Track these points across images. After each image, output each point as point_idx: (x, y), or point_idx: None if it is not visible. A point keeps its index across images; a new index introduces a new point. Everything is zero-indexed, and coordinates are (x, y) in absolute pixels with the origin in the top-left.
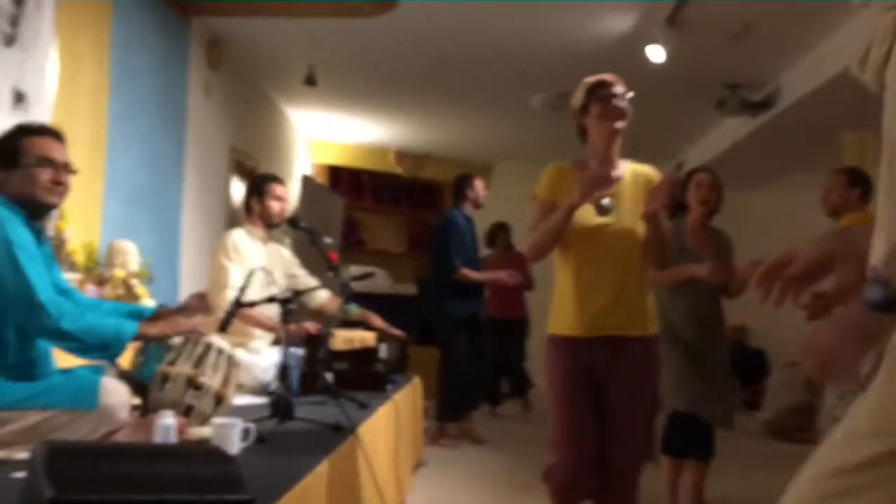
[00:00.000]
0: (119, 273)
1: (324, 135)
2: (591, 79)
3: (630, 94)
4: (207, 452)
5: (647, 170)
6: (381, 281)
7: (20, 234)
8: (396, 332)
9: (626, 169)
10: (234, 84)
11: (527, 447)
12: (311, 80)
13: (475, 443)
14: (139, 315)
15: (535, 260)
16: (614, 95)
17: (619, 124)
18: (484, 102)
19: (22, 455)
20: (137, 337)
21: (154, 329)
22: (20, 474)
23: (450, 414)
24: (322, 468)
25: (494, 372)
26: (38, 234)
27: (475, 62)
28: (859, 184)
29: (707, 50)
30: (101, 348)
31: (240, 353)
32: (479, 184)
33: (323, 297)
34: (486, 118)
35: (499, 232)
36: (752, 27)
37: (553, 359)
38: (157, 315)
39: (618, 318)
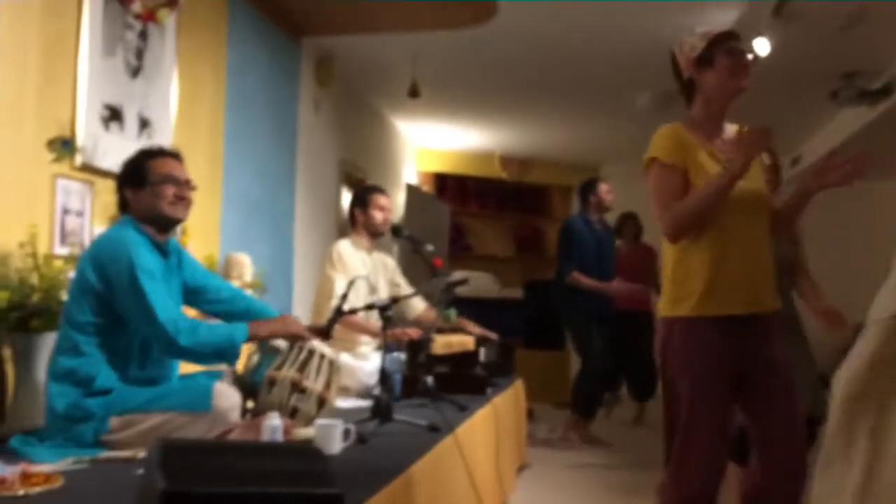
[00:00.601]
0: (236, 283)
1: (430, 143)
2: (711, 29)
3: (751, 56)
4: (303, 450)
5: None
6: (488, 285)
7: (144, 257)
8: (491, 335)
9: (730, 130)
10: (342, 98)
11: (641, 451)
12: (414, 93)
13: (594, 444)
14: (265, 314)
15: (680, 238)
16: (744, 51)
17: (747, 83)
18: (588, 104)
19: (141, 455)
20: (249, 338)
21: (264, 330)
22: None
23: (582, 413)
24: (417, 467)
25: (615, 370)
26: (165, 252)
27: (577, 64)
28: None
29: (816, 39)
30: (217, 356)
31: (345, 358)
32: (603, 188)
33: (419, 307)
34: (590, 120)
35: (625, 222)
36: (865, 12)
37: (698, 345)
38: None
39: (772, 290)
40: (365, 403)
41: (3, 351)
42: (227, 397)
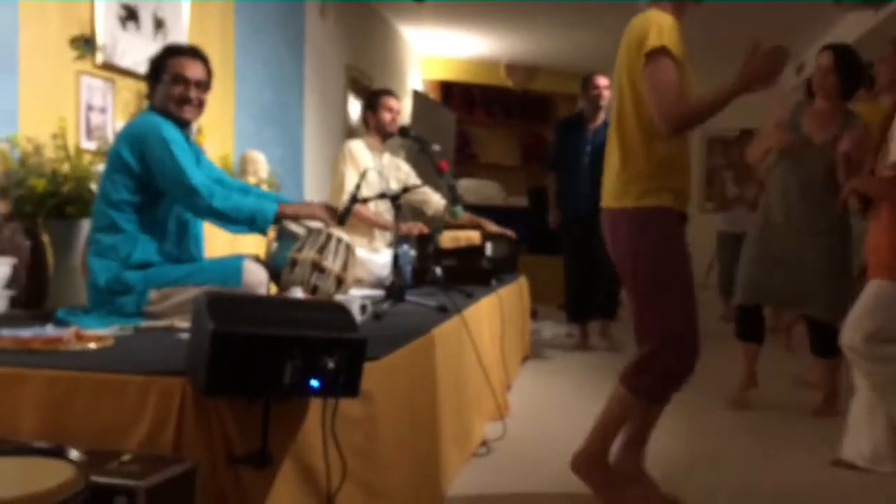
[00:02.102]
0: (251, 180)
1: (435, 51)
2: None
3: None
4: (332, 306)
5: None
6: (493, 193)
7: (173, 133)
8: (508, 232)
9: None
10: (349, 4)
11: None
12: None
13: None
14: (280, 201)
15: (678, 134)
16: None
17: None
18: (591, 9)
19: (182, 324)
20: (276, 215)
21: (290, 209)
22: (184, 335)
23: (569, 316)
24: (430, 336)
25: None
26: (186, 137)
27: None
28: None
29: None
30: (248, 223)
31: (360, 252)
32: (600, 81)
33: (438, 205)
34: (593, 26)
35: None
36: None
37: (669, 231)
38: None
39: None
40: (378, 293)
41: (42, 237)
42: (256, 273)
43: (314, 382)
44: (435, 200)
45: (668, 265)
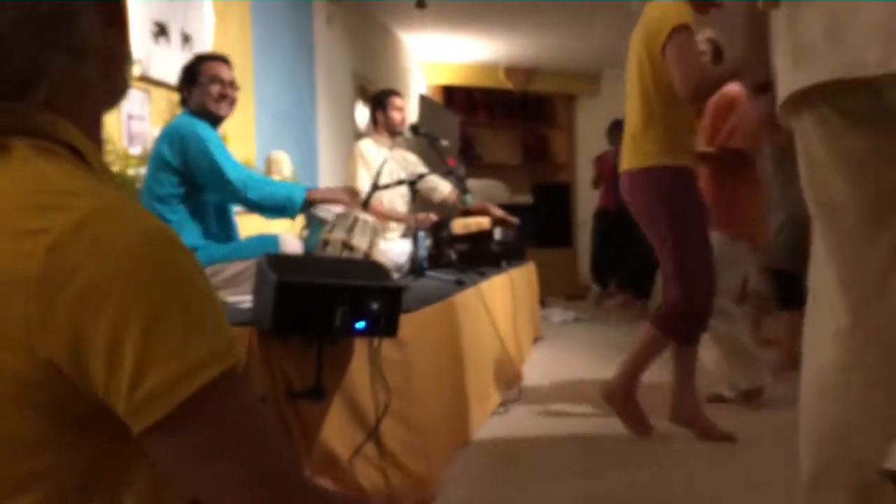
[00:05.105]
0: (276, 178)
1: (436, 57)
2: None
3: None
4: (371, 263)
5: None
6: (498, 192)
7: (208, 132)
8: (512, 219)
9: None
10: (353, 13)
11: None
12: (421, 3)
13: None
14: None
15: (703, 98)
16: None
17: None
18: (585, 11)
19: (229, 298)
20: (305, 201)
21: (318, 194)
22: (235, 305)
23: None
24: (451, 301)
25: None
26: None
27: None
28: None
29: None
30: (280, 210)
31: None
32: None
33: (445, 191)
34: (589, 27)
35: (615, 129)
36: None
37: (686, 187)
38: None
39: None
40: (396, 276)
41: None
42: (292, 245)
43: (360, 324)
44: (442, 186)
45: (686, 219)
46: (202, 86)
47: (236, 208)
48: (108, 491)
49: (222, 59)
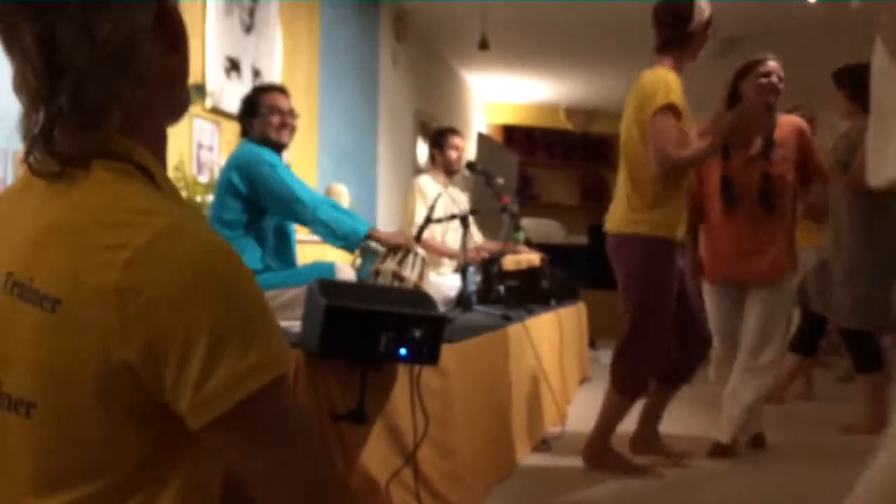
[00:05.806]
0: None
1: (498, 96)
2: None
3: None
4: (419, 293)
5: None
6: (554, 231)
7: (273, 157)
8: (535, 255)
9: None
10: (418, 53)
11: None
12: (484, 45)
13: None
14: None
15: (669, 174)
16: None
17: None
18: (645, 54)
19: (283, 323)
20: (367, 235)
21: (381, 234)
22: (288, 329)
23: None
24: (496, 334)
25: None
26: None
27: (639, 14)
28: None
29: None
30: (343, 238)
31: (430, 276)
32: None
33: (479, 239)
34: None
35: None
36: None
37: (663, 258)
38: None
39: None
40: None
41: None
42: (346, 273)
43: (403, 351)
44: (476, 236)
45: (655, 288)
46: (262, 116)
47: (298, 236)
48: (150, 487)
49: (280, 90)
